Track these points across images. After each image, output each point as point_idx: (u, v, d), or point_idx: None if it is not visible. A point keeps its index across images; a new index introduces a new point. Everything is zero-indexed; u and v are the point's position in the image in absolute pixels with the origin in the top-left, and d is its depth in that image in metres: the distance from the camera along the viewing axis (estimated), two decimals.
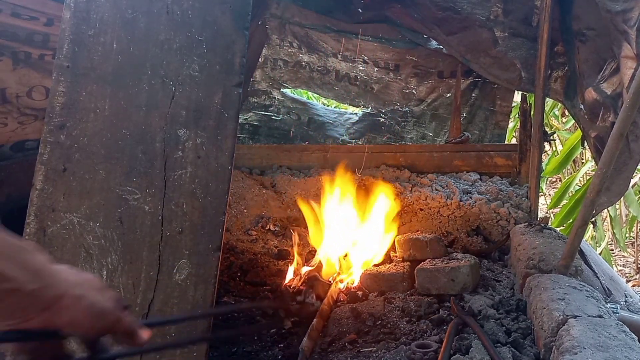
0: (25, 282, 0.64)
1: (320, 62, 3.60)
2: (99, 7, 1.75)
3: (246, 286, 2.45)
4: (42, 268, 0.67)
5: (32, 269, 0.66)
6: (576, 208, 3.58)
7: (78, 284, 0.71)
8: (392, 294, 2.17)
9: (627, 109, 1.69)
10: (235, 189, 3.01)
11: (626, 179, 2.19)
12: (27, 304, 0.65)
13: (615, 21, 2.01)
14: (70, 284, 0.69)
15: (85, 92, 1.72)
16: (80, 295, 0.70)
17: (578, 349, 1.34)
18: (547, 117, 4.87)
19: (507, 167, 3.06)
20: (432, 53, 3.36)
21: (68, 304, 0.68)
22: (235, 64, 1.76)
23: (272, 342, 1.94)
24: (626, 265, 5.04)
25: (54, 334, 0.70)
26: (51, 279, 0.67)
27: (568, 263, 1.92)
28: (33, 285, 0.65)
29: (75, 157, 1.68)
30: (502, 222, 2.78)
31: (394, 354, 1.69)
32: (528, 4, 2.64)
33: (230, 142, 1.72)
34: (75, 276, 0.72)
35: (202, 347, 1.60)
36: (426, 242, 2.30)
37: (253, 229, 2.99)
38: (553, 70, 2.75)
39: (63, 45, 1.73)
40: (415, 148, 3.24)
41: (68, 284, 0.69)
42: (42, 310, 0.66)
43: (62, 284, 0.68)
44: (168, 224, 1.67)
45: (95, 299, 0.71)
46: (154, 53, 1.75)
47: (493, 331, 1.73)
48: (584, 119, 2.49)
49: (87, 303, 0.70)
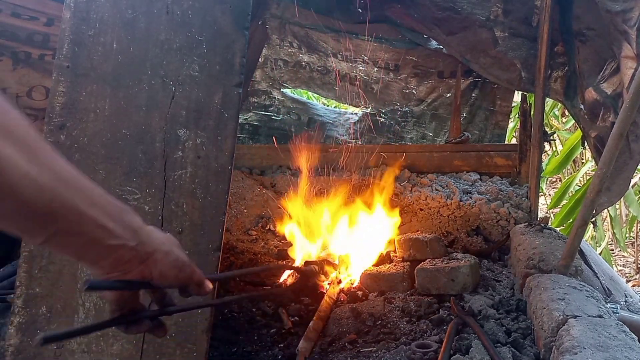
0: (128, 239, 0.76)
1: (320, 62, 3.60)
2: (99, 7, 1.75)
3: (246, 286, 2.45)
4: (139, 227, 0.78)
5: (133, 228, 0.77)
6: (576, 208, 3.58)
7: (165, 242, 0.83)
8: (392, 294, 2.17)
9: (627, 109, 1.69)
10: (235, 189, 3.01)
11: (626, 179, 2.19)
12: (129, 257, 0.77)
13: (615, 21, 2.01)
14: (160, 242, 0.82)
15: (85, 92, 1.72)
16: (168, 250, 0.83)
17: (578, 349, 1.34)
18: (547, 117, 4.87)
19: (507, 167, 3.06)
20: (432, 53, 3.36)
21: (159, 258, 0.81)
22: (235, 64, 1.76)
23: (272, 342, 1.94)
24: (626, 265, 5.04)
25: (147, 284, 0.82)
26: (146, 236, 0.79)
27: (568, 263, 1.92)
28: (134, 242, 0.77)
29: (75, 157, 1.68)
30: (502, 222, 2.78)
31: (394, 354, 1.69)
32: (528, 4, 2.64)
33: (231, 142, 1.72)
34: (162, 236, 0.84)
35: (202, 347, 1.60)
36: (426, 242, 2.30)
37: (253, 229, 2.99)
38: (553, 70, 2.75)
39: (63, 45, 1.73)
40: (415, 148, 3.24)
41: (158, 242, 0.82)
42: (140, 263, 0.79)
43: (154, 241, 0.81)
44: (168, 224, 1.67)
45: (179, 254, 0.85)
46: (154, 53, 1.75)
47: (493, 331, 1.73)
48: (584, 119, 2.49)
49: (173, 257, 0.83)
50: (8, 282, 2.07)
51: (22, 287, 1.61)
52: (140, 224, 0.79)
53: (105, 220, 0.72)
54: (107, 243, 0.73)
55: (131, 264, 0.78)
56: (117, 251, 0.75)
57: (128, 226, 0.76)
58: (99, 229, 0.72)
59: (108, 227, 0.73)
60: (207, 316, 1.62)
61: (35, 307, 1.60)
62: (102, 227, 0.72)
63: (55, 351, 1.59)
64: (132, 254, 0.77)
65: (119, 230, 0.74)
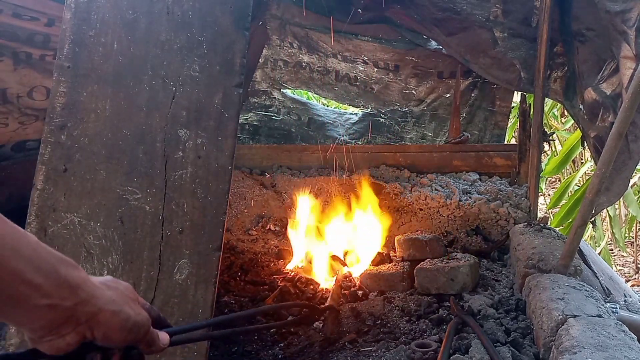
0: (63, 298, 0.64)
1: (320, 63, 3.61)
2: (99, 8, 1.76)
3: (247, 286, 2.45)
4: (79, 284, 0.66)
5: (70, 284, 0.65)
6: (575, 208, 3.59)
7: (113, 299, 0.71)
8: (391, 293, 2.18)
9: (626, 109, 1.70)
10: (235, 189, 3.02)
11: (625, 179, 2.20)
12: (64, 319, 0.65)
13: (614, 21, 2.02)
14: (107, 300, 0.70)
15: (86, 92, 1.72)
16: (116, 310, 0.70)
17: (577, 349, 1.34)
18: (546, 117, 4.88)
19: (507, 167, 3.07)
20: (431, 54, 3.37)
21: (104, 319, 0.69)
22: (236, 65, 1.77)
23: (272, 341, 1.95)
24: (625, 265, 5.04)
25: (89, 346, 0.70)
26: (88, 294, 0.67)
27: (567, 263, 1.93)
28: (70, 302, 0.65)
29: (76, 157, 1.68)
30: (502, 221, 2.79)
31: (393, 353, 1.69)
32: (527, 4, 2.64)
33: (231, 142, 1.73)
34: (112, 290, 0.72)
35: (203, 347, 1.61)
36: (426, 242, 2.31)
37: (253, 229, 3.00)
38: (552, 70, 2.76)
39: (64, 45, 1.74)
40: (415, 148, 3.24)
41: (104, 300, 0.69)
42: (78, 325, 0.66)
43: (98, 300, 0.68)
44: (169, 224, 1.67)
45: (130, 314, 0.72)
46: (155, 53, 1.75)
47: (492, 331, 1.73)
48: (584, 119, 2.49)
49: (122, 317, 0.71)
50: None
51: None
52: (82, 279, 0.67)
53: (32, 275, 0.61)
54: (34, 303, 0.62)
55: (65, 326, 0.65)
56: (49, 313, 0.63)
57: (63, 282, 0.64)
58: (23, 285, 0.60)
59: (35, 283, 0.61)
60: (207, 316, 1.63)
61: None
62: (28, 283, 0.60)
63: None
64: (67, 315, 0.65)
65: (49, 288, 0.62)
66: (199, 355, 1.60)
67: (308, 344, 1.88)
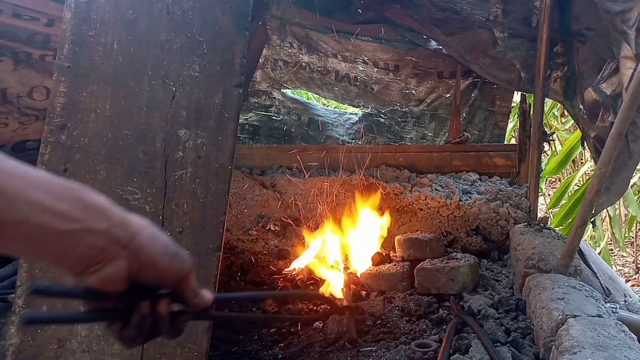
0: (95, 220, 0.60)
1: (320, 63, 3.61)
2: (99, 8, 1.76)
3: (246, 286, 2.45)
4: (109, 207, 0.63)
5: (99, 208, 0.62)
6: (575, 208, 3.59)
7: (147, 225, 0.67)
8: (391, 293, 2.18)
9: (626, 109, 1.70)
10: (235, 189, 3.02)
11: (625, 179, 2.20)
12: (102, 244, 0.61)
13: (614, 21, 2.02)
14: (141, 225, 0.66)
15: (86, 92, 1.72)
16: (154, 234, 0.67)
17: (577, 349, 1.34)
18: (546, 117, 4.88)
19: (507, 167, 3.07)
20: (431, 54, 3.36)
21: (145, 242, 0.65)
22: (236, 65, 1.77)
23: (272, 341, 1.95)
24: (625, 265, 5.05)
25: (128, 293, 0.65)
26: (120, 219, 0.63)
27: (567, 263, 1.93)
28: (104, 224, 0.61)
29: (76, 157, 1.68)
30: (502, 221, 2.79)
31: (393, 353, 1.69)
32: (527, 4, 2.65)
33: (231, 142, 1.73)
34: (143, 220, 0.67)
35: (203, 347, 1.61)
36: (426, 242, 2.31)
37: (253, 229, 2.99)
38: (552, 70, 2.76)
39: (64, 45, 1.74)
40: (415, 148, 3.24)
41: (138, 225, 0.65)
42: (122, 248, 0.62)
43: (133, 223, 0.65)
44: (169, 224, 1.67)
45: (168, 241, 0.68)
46: (155, 53, 1.75)
47: (492, 331, 1.73)
48: (584, 119, 2.49)
49: (162, 241, 0.67)
50: (9, 281, 2.07)
51: (23, 287, 1.62)
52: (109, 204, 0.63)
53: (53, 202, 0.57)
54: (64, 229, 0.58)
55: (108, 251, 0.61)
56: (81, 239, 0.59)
57: (90, 206, 0.60)
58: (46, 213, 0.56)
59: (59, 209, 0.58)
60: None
61: (36, 306, 1.60)
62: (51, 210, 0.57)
63: (56, 351, 1.59)
64: (105, 239, 0.61)
65: (77, 213, 0.59)
66: (199, 355, 1.60)
67: (308, 344, 1.88)
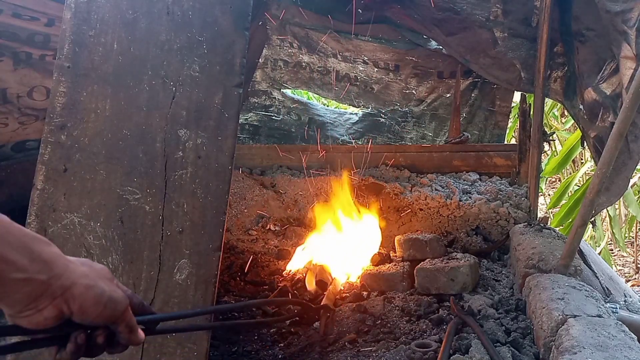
0: (37, 272, 0.67)
1: (320, 63, 3.61)
2: (99, 8, 1.76)
3: (246, 286, 2.45)
4: (53, 259, 0.70)
5: (44, 259, 0.69)
6: (575, 208, 3.59)
7: (87, 274, 0.74)
8: (392, 293, 2.18)
9: (626, 109, 1.70)
10: (235, 189, 3.02)
11: (625, 179, 2.20)
12: (39, 293, 0.68)
13: (614, 21, 2.02)
14: (80, 274, 0.73)
15: (86, 92, 1.72)
16: (90, 284, 0.73)
17: (577, 349, 1.34)
18: (546, 117, 4.88)
19: (507, 167, 3.07)
20: (432, 53, 3.36)
21: (78, 293, 0.71)
22: (236, 65, 1.77)
23: (272, 341, 1.95)
24: (625, 265, 5.05)
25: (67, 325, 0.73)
26: (62, 269, 0.70)
27: (567, 263, 1.93)
28: (45, 275, 0.68)
29: (76, 157, 1.69)
30: (502, 221, 2.78)
31: (393, 353, 1.69)
32: (527, 4, 2.64)
33: (231, 142, 1.73)
34: (86, 266, 0.75)
35: (203, 347, 1.61)
36: (426, 242, 2.31)
37: (253, 229, 2.99)
38: (552, 70, 2.76)
39: (64, 45, 1.74)
40: (415, 148, 3.24)
41: (77, 274, 0.72)
42: (54, 299, 0.70)
43: (72, 274, 0.71)
44: (169, 224, 1.67)
45: (104, 288, 0.75)
46: (155, 53, 1.75)
47: (492, 331, 1.73)
48: (584, 119, 2.49)
49: (97, 291, 0.73)
50: None
51: None
52: (55, 254, 0.71)
53: (6, 252, 0.64)
54: (9, 277, 0.65)
55: (40, 301, 0.69)
56: (25, 286, 0.67)
57: (37, 258, 0.68)
58: None
59: (10, 259, 0.65)
60: (207, 316, 1.63)
61: None
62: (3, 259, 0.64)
63: None
64: (42, 289, 0.68)
65: (24, 263, 0.66)
66: (199, 355, 1.60)
67: (308, 344, 1.88)
